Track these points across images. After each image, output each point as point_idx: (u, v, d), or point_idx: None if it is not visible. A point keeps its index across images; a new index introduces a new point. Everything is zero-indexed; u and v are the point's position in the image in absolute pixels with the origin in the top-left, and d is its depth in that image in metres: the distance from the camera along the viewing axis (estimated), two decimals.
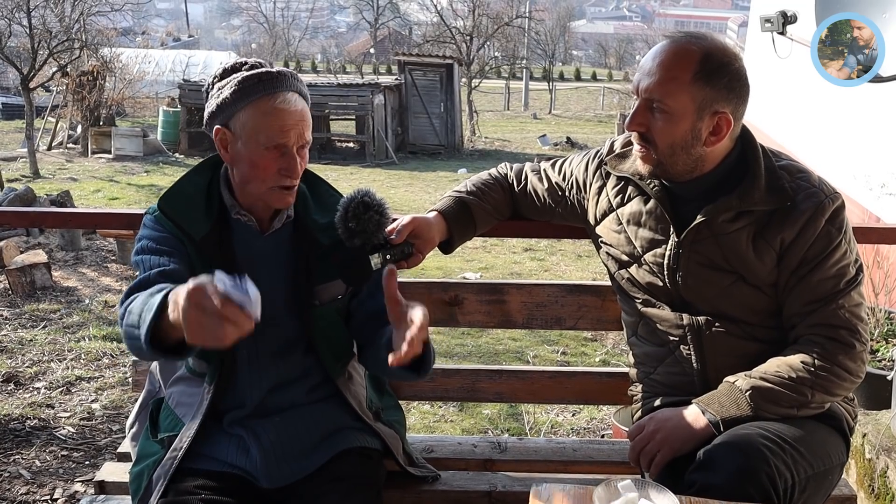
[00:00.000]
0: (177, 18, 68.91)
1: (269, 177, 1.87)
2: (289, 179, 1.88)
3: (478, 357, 5.72)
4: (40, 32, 17.08)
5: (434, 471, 2.23)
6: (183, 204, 1.93)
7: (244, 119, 1.84)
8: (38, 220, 3.56)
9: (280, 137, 1.84)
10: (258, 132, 1.83)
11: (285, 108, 1.85)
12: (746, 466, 1.66)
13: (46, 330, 5.95)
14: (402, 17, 52.46)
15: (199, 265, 1.88)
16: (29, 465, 3.84)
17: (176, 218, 1.91)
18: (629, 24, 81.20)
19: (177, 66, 28.89)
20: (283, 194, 1.90)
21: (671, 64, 1.84)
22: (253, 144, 1.84)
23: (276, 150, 1.85)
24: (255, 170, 1.86)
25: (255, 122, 1.83)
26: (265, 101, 1.84)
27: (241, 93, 1.84)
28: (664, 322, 2.00)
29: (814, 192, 1.88)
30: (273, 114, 1.84)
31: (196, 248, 1.89)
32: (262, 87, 1.84)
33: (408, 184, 16.50)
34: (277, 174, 1.87)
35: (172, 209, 1.92)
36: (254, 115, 1.83)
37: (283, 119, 1.84)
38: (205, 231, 1.90)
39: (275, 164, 1.86)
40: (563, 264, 9.13)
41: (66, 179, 15.05)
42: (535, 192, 2.25)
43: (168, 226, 1.91)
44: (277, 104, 1.84)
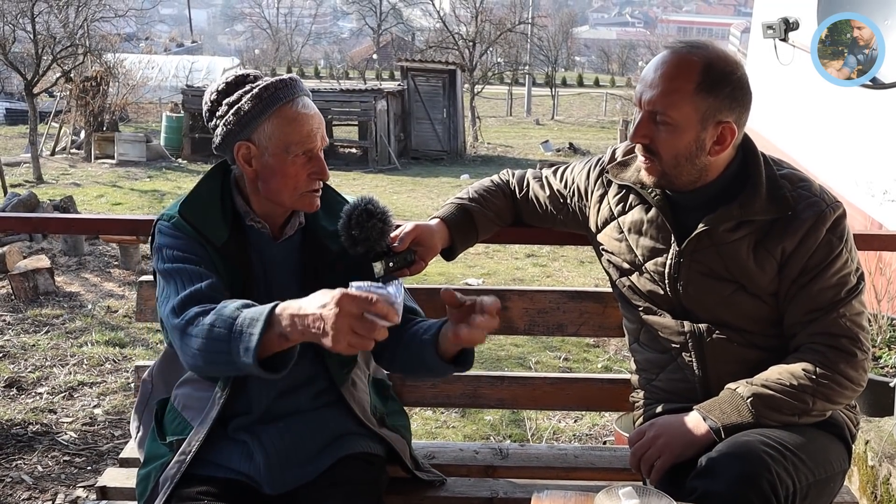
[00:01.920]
0: (180, 24, 69.09)
1: (300, 183, 1.88)
2: (319, 182, 1.91)
3: (480, 363, 5.71)
4: (44, 38, 17.09)
5: (440, 475, 2.24)
6: (203, 211, 1.92)
7: (270, 130, 1.84)
8: (40, 225, 3.58)
9: (309, 142, 1.86)
10: (287, 142, 1.84)
11: (307, 113, 1.86)
12: (748, 473, 1.66)
13: (49, 335, 5.96)
14: (404, 23, 52.56)
15: (222, 271, 1.88)
16: (31, 471, 3.84)
17: (197, 224, 1.89)
18: (632, 30, 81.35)
19: (180, 72, 28.97)
20: (314, 197, 1.92)
21: (673, 75, 1.84)
22: (282, 154, 1.85)
23: (304, 156, 1.86)
24: (287, 178, 1.86)
25: (281, 131, 1.84)
26: (288, 109, 1.84)
27: (263, 104, 1.84)
28: (665, 329, 2.01)
29: (815, 201, 1.88)
30: (298, 120, 1.85)
31: (218, 253, 1.89)
32: (283, 95, 1.84)
33: (410, 189, 16.51)
34: (308, 179, 1.88)
35: (194, 215, 1.91)
36: (279, 124, 1.84)
37: (308, 124, 1.86)
38: (225, 237, 1.90)
39: (305, 170, 1.87)
40: (566, 270, 9.14)
41: (70, 185, 15.06)
42: (537, 199, 2.25)
43: (189, 231, 1.89)
44: (300, 109, 1.85)
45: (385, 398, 2.21)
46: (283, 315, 1.59)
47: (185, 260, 1.85)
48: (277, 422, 1.96)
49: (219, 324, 1.66)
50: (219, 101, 1.90)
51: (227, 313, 1.66)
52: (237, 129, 1.86)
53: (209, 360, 1.70)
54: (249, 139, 1.86)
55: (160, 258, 1.88)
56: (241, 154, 1.88)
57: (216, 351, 1.66)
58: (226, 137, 1.88)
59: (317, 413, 2.00)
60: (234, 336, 1.62)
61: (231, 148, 1.88)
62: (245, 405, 1.96)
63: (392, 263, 1.95)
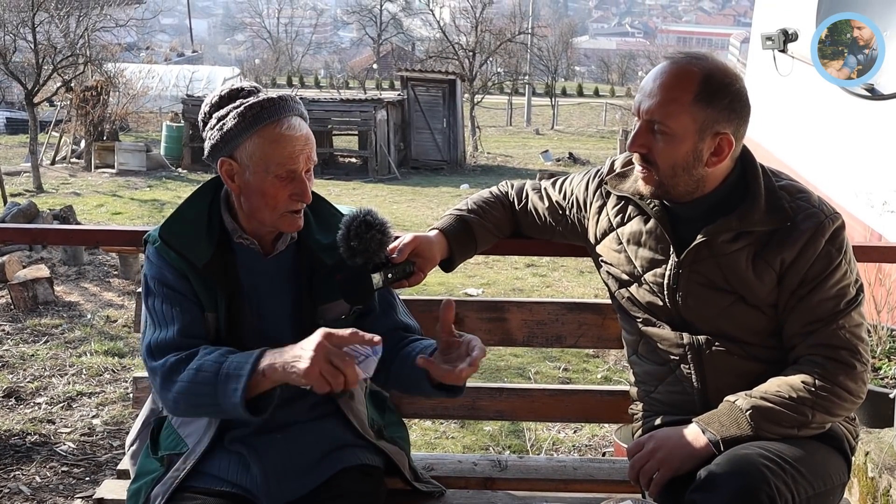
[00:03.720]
0: (181, 34, 69.21)
1: (280, 204, 1.87)
2: (300, 203, 1.89)
3: (479, 374, 5.65)
4: (45, 48, 17.15)
5: (439, 486, 2.22)
6: (184, 231, 1.92)
7: (251, 149, 1.84)
8: (39, 236, 3.58)
9: (290, 164, 1.84)
10: (267, 161, 1.83)
11: (292, 134, 1.85)
12: (747, 486, 1.65)
13: (48, 345, 5.95)
14: (405, 33, 52.72)
15: (203, 293, 1.89)
16: (29, 481, 3.83)
17: (177, 246, 1.90)
18: (631, 41, 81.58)
19: (180, 82, 29.02)
20: (294, 218, 1.91)
21: (672, 85, 1.84)
22: (262, 174, 1.84)
23: (285, 177, 1.85)
24: (266, 198, 1.86)
25: (262, 150, 1.83)
26: (271, 129, 1.83)
27: (246, 122, 1.83)
28: (664, 341, 2.00)
29: (814, 212, 1.88)
30: (281, 141, 1.83)
31: (199, 275, 1.89)
32: (267, 115, 1.83)
33: (410, 199, 16.52)
34: (288, 200, 1.87)
35: (173, 237, 1.91)
36: (261, 144, 1.83)
37: (291, 145, 1.84)
38: (207, 257, 1.90)
39: (285, 191, 1.86)
40: (566, 280, 9.13)
41: (70, 194, 15.07)
42: (536, 211, 2.25)
43: (170, 256, 1.90)
44: (284, 131, 1.84)
45: (383, 410, 2.21)
46: (267, 357, 1.72)
47: (167, 297, 1.89)
48: (274, 433, 1.95)
49: (205, 367, 1.75)
50: (210, 114, 1.90)
51: (212, 358, 1.76)
52: (221, 145, 1.86)
53: (192, 402, 1.79)
54: (231, 156, 1.86)
55: (145, 289, 1.94)
56: (224, 169, 1.88)
57: (201, 394, 1.75)
58: (211, 151, 1.89)
59: (314, 424, 1.99)
60: (220, 379, 1.73)
61: (216, 162, 1.89)
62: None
63: (391, 275, 1.95)
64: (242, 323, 1.93)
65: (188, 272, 1.89)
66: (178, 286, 1.90)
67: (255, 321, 1.95)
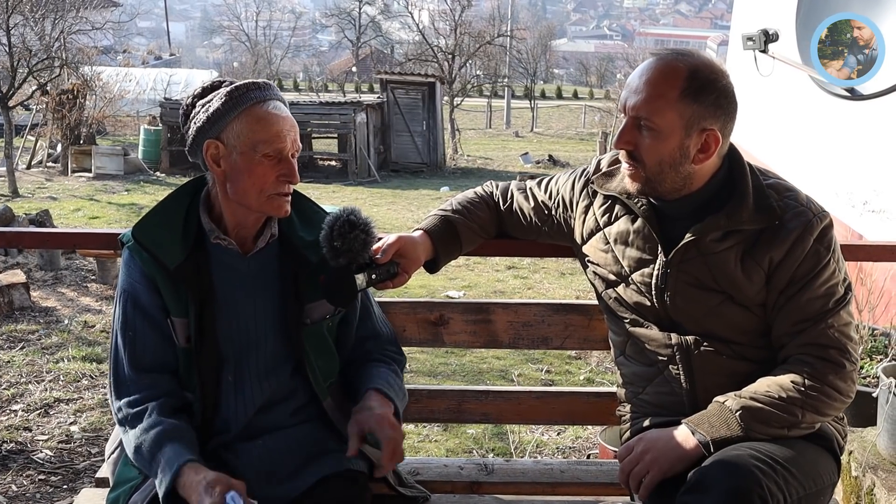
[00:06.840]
0: (158, 37, 68.79)
1: (267, 184, 1.85)
2: (288, 185, 1.87)
3: (462, 376, 5.68)
4: (20, 51, 16.95)
5: (424, 491, 2.20)
6: (157, 232, 1.90)
7: (238, 128, 1.82)
8: (14, 240, 3.51)
9: (278, 142, 1.83)
10: (255, 140, 1.82)
11: (277, 113, 1.85)
12: (738, 488, 1.64)
13: (24, 351, 5.86)
14: (384, 36, 52.62)
15: (173, 299, 1.87)
16: (5, 490, 3.77)
17: (149, 245, 1.88)
18: (610, 43, 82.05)
19: (158, 85, 28.78)
20: (282, 201, 1.89)
21: (658, 81, 1.83)
22: (250, 153, 1.82)
23: (273, 157, 1.84)
24: (254, 178, 1.84)
25: (250, 129, 1.82)
26: (258, 108, 1.83)
27: (233, 102, 1.82)
28: (652, 342, 1.99)
29: (802, 210, 1.87)
30: (268, 119, 1.83)
31: (170, 278, 1.87)
32: (254, 95, 1.83)
33: (390, 202, 16.49)
34: (276, 181, 1.85)
35: (146, 236, 1.89)
36: (248, 122, 1.82)
37: (278, 124, 1.84)
38: (180, 259, 1.87)
39: (273, 171, 1.84)
40: (547, 282, 9.13)
41: (46, 198, 14.92)
42: (522, 211, 2.23)
43: (142, 258, 1.88)
44: (270, 109, 1.84)
45: None
46: (185, 473, 1.75)
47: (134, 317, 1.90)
48: (256, 439, 1.93)
49: (145, 447, 1.80)
50: (193, 104, 1.89)
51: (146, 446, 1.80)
52: (207, 127, 1.84)
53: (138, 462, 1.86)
54: (218, 137, 1.84)
55: (117, 299, 1.94)
56: (209, 153, 1.85)
57: (141, 464, 1.84)
58: (196, 136, 1.86)
59: (297, 429, 1.97)
60: (153, 469, 1.79)
61: (201, 147, 1.86)
62: (222, 424, 1.94)
63: (375, 275, 1.93)
64: (215, 328, 1.90)
65: (158, 278, 1.87)
66: (147, 301, 1.89)
67: (230, 324, 1.92)
